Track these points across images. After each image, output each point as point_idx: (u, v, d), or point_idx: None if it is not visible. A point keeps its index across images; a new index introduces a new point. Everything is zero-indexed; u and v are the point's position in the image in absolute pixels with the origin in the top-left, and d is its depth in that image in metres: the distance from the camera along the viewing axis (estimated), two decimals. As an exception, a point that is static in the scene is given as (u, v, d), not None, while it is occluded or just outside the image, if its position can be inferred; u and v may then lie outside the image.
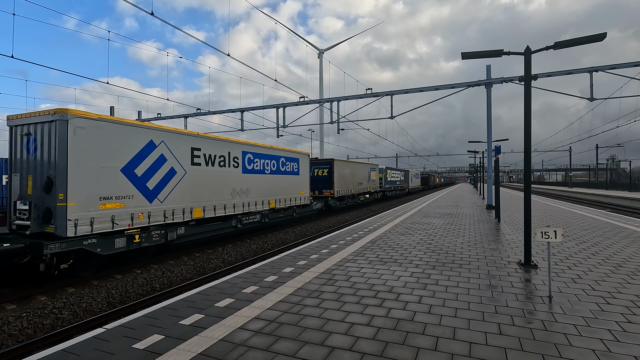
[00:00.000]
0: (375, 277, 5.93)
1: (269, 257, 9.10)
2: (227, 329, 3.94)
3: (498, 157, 15.70)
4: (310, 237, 15.38)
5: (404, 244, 8.80)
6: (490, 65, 19.21)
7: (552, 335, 3.68)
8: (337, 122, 22.93)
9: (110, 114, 24.29)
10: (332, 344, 3.54)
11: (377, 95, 21.46)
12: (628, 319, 4.07)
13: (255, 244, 14.01)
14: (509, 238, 9.60)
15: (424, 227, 11.83)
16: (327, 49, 51.63)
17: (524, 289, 5.19)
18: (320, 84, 49.46)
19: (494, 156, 16.67)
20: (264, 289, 5.35)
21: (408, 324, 4.01)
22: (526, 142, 6.61)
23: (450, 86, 19.75)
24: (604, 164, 68.28)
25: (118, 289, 8.39)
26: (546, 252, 6.54)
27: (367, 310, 4.44)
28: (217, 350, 3.44)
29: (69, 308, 7.21)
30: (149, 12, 10.59)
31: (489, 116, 18.72)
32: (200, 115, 26.77)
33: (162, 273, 9.77)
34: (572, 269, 6.29)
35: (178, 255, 11.74)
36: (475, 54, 7.04)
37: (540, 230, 4.89)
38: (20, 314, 6.75)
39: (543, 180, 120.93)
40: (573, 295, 4.89)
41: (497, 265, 6.58)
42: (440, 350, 3.38)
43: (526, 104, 6.57)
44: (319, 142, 46.07)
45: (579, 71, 17.65)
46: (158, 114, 28.37)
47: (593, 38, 6.12)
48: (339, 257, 7.44)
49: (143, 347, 3.54)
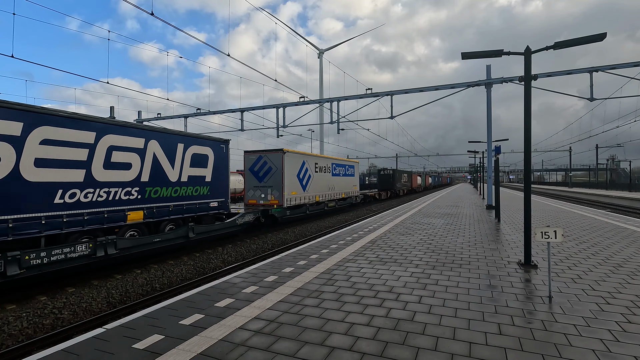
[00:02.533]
0: (375, 277, 5.93)
1: (269, 257, 9.10)
2: (227, 329, 3.94)
3: (498, 157, 15.69)
4: (310, 237, 15.38)
5: (404, 244, 8.80)
6: (490, 65, 19.22)
7: (552, 335, 3.68)
8: (337, 122, 22.92)
9: (110, 113, 24.28)
10: (332, 344, 3.54)
11: (377, 95, 21.46)
12: (628, 319, 4.07)
13: (255, 244, 14.01)
14: (509, 238, 9.60)
15: (424, 227, 11.83)
16: (327, 49, 51.58)
17: (524, 289, 5.19)
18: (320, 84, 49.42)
19: (493, 156, 16.66)
20: (264, 289, 5.35)
21: (408, 324, 4.01)
22: (526, 142, 6.62)
23: (450, 86, 19.75)
24: (604, 164, 68.29)
25: (118, 289, 8.39)
26: (546, 252, 6.55)
27: (367, 310, 4.44)
28: (217, 350, 3.44)
29: (69, 308, 7.21)
30: (149, 13, 10.59)
31: (489, 116, 18.72)
32: (200, 115, 26.77)
33: (162, 273, 9.77)
34: (572, 269, 6.29)
35: (178, 255, 11.74)
36: (475, 54, 7.04)
37: (540, 231, 4.89)
38: (20, 314, 6.75)
39: (543, 180, 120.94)
40: (573, 296, 4.89)
41: (497, 266, 6.58)
42: (440, 350, 3.38)
43: (526, 104, 6.57)
44: (319, 142, 46.06)
45: (579, 71, 17.65)
46: (158, 114, 28.38)
47: (593, 38, 6.11)
48: (339, 257, 7.44)
49: (143, 347, 3.54)
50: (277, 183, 17.38)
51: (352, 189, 27.95)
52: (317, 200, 21.12)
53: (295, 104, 23.65)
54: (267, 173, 17.74)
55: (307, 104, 23.49)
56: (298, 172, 18.92)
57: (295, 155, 18.88)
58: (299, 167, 18.97)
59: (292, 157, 18.30)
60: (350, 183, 27.47)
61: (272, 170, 17.61)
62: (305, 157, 19.81)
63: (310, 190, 20.07)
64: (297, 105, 23.73)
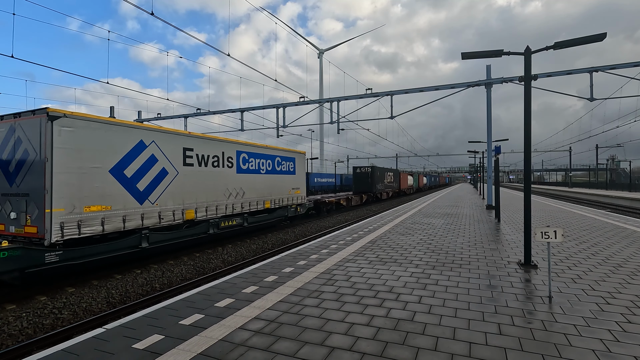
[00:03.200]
0: (375, 277, 5.93)
1: (269, 257, 9.10)
2: (227, 329, 3.94)
3: (498, 157, 15.69)
4: (310, 237, 15.38)
5: (404, 244, 8.80)
6: (490, 65, 19.22)
7: (552, 335, 3.68)
8: (337, 122, 22.93)
9: (110, 114, 24.26)
10: (332, 344, 3.54)
11: (377, 95, 21.46)
12: (628, 319, 4.07)
13: (255, 244, 14.01)
14: (508, 238, 9.60)
15: (424, 227, 11.83)
16: (327, 49, 51.65)
17: (524, 289, 5.19)
18: (320, 84, 49.49)
19: (493, 156, 16.67)
20: (264, 289, 5.35)
21: (408, 324, 4.01)
22: (526, 142, 6.61)
23: (450, 86, 19.75)
24: (604, 164, 68.30)
25: (118, 289, 8.39)
26: (546, 252, 6.55)
27: (367, 310, 4.44)
28: (217, 350, 3.44)
29: (69, 308, 7.22)
30: (149, 13, 10.60)
31: (489, 116, 18.72)
32: (200, 115, 26.77)
33: (162, 273, 9.77)
34: (572, 269, 6.29)
35: (178, 255, 11.74)
36: (475, 54, 7.04)
37: (540, 231, 4.88)
38: (20, 314, 6.76)
39: (543, 180, 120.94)
40: (573, 296, 4.89)
41: (497, 266, 6.58)
42: (440, 350, 3.38)
43: (526, 104, 6.57)
44: (319, 142, 46.11)
45: (579, 71, 17.65)
46: (158, 114, 28.39)
47: (593, 38, 6.11)
48: (339, 257, 7.44)
49: (143, 347, 3.54)
50: (37, 189, 7.83)
51: (289, 194, 18.07)
52: (188, 218, 11.46)
53: (295, 104, 23.66)
54: (20, 165, 8.15)
55: (307, 104, 23.49)
56: (121, 163, 9.31)
57: (109, 128, 9.08)
58: (122, 150, 9.37)
59: (87, 129, 8.55)
60: (284, 185, 17.62)
61: (28, 159, 8.04)
62: (150, 134, 10.28)
63: (166, 200, 10.64)
64: (297, 105, 23.74)
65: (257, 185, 15.31)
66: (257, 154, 15.49)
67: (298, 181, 19.05)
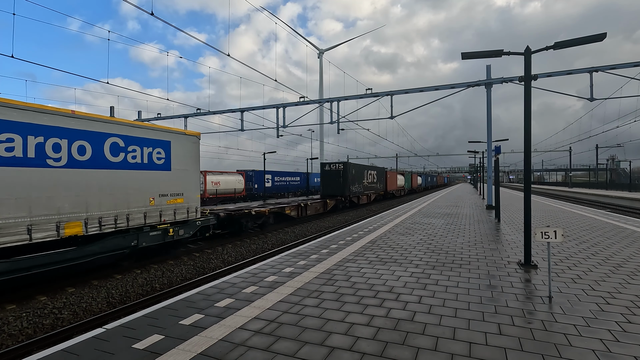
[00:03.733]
0: (375, 277, 5.93)
1: (269, 257, 9.09)
2: (227, 329, 3.94)
3: (498, 157, 15.69)
4: (310, 237, 15.38)
5: (404, 244, 8.80)
6: (490, 65, 19.22)
7: (552, 335, 3.68)
8: (337, 122, 22.93)
9: (110, 114, 24.28)
10: (332, 344, 3.54)
11: (377, 95, 21.47)
12: (628, 319, 4.07)
13: (255, 244, 14.01)
14: (508, 238, 9.60)
15: (424, 227, 11.83)
16: (327, 50, 51.68)
17: (524, 289, 5.19)
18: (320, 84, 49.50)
19: (493, 156, 16.66)
20: (264, 289, 5.35)
21: (408, 324, 4.01)
22: (526, 142, 6.61)
23: (450, 86, 19.75)
24: (604, 164, 68.29)
25: (118, 289, 8.39)
26: (546, 252, 6.55)
27: (367, 310, 4.44)
28: (217, 350, 3.44)
29: (69, 308, 7.22)
30: (149, 13, 10.60)
31: (489, 116, 18.72)
32: (200, 115, 26.79)
33: (162, 273, 9.77)
34: (572, 269, 6.29)
35: (178, 255, 11.74)
36: (475, 54, 7.04)
37: (540, 231, 4.88)
38: (20, 314, 6.76)
39: (543, 180, 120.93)
40: (573, 296, 4.89)
41: (497, 266, 6.58)
42: (440, 350, 3.38)
43: (526, 104, 6.56)
44: (319, 142, 46.10)
45: (578, 71, 17.65)
46: (158, 114, 28.42)
47: (593, 38, 6.11)
48: (339, 257, 7.44)
49: (143, 347, 3.54)
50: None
51: (152, 206, 9.97)
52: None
53: (295, 104, 23.66)
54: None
55: (307, 104, 23.50)
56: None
57: None
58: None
59: None
60: (139, 188, 9.61)
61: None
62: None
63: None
64: (297, 105, 23.75)
65: (40, 190, 7.38)
66: (42, 128, 7.42)
67: (180, 182, 10.90)
